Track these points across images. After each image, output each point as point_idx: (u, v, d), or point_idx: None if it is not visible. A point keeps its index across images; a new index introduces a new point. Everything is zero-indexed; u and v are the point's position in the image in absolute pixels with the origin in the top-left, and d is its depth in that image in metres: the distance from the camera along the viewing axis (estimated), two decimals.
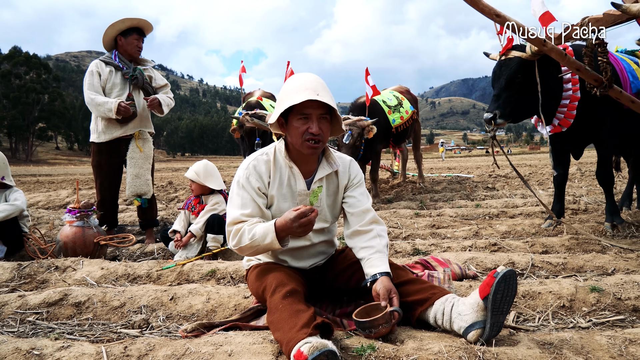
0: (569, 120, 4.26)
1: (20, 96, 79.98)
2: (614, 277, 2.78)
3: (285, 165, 2.45)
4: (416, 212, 6.17)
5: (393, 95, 8.34)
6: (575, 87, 4.18)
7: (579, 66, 3.49)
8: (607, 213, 4.62)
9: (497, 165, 5.03)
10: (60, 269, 3.64)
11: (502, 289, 1.96)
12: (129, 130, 4.84)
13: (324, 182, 2.51)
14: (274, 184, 2.42)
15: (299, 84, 2.30)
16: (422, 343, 1.94)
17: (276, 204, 2.44)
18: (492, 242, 4.10)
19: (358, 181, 2.59)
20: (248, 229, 2.27)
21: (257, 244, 2.23)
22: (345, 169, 2.57)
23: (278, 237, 2.19)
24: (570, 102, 4.21)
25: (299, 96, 2.23)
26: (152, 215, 5.13)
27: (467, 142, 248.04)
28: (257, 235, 2.22)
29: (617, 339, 1.96)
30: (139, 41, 4.86)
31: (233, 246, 2.32)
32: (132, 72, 4.80)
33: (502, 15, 3.37)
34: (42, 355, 1.98)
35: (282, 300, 2.07)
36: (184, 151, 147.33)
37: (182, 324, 2.58)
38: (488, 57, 4.53)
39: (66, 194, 10.24)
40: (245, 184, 2.38)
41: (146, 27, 4.92)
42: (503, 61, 4.19)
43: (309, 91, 2.24)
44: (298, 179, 2.45)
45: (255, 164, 2.43)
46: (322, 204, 2.51)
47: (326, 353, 1.68)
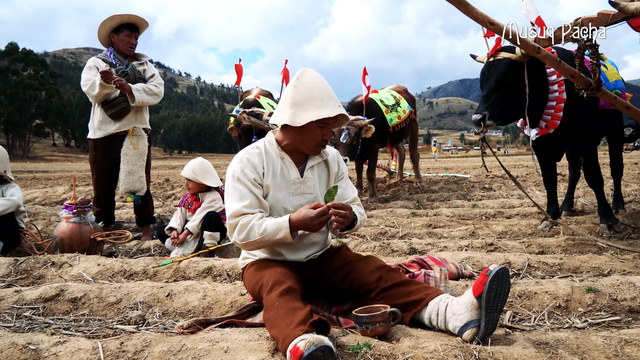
0: (555, 122, 4.25)
1: (17, 92, 79.82)
2: (610, 278, 2.79)
3: (277, 156, 2.53)
4: (413, 211, 6.18)
5: (391, 94, 8.33)
6: (561, 88, 4.19)
7: (574, 73, 3.50)
8: (601, 214, 4.62)
9: (487, 169, 4.98)
10: (57, 264, 3.63)
11: (496, 286, 1.96)
12: (123, 127, 4.82)
13: (315, 170, 2.61)
14: (268, 175, 2.49)
15: (320, 90, 2.41)
16: (418, 341, 1.94)
17: (271, 194, 2.50)
18: (489, 242, 4.11)
19: (344, 172, 2.75)
20: (257, 224, 2.33)
21: (268, 238, 2.32)
22: (334, 159, 2.71)
23: (292, 232, 2.29)
24: (557, 104, 4.20)
25: (329, 108, 2.37)
26: (148, 212, 5.12)
27: (465, 142, 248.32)
28: (269, 231, 2.30)
29: (612, 340, 1.96)
30: (130, 38, 4.84)
31: (239, 240, 2.37)
32: (124, 68, 4.79)
33: (496, 23, 3.39)
34: (38, 350, 1.98)
35: (279, 298, 2.07)
36: (181, 149, 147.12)
37: (178, 321, 2.58)
38: (475, 59, 4.51)
39: (63, 191, 10.23)
40: (241, 176, 2.43)
41: (139, 23, 4.90)
42: (492, 62, 4.15)
43: (333, 101, 2.40)
44: (291, 168, 2.54)
45: (249, 156, 2.49)
46: (315, 191, 2.59)
47: (322, 349, 1.68)
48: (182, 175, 4.35)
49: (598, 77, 3.46)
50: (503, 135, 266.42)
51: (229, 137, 20.45)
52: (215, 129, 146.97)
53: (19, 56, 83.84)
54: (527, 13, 3.79)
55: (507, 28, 3.35)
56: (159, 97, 5.01)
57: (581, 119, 4.29)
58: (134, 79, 4.81)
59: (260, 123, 7.17)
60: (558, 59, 3.47)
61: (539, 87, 4.17)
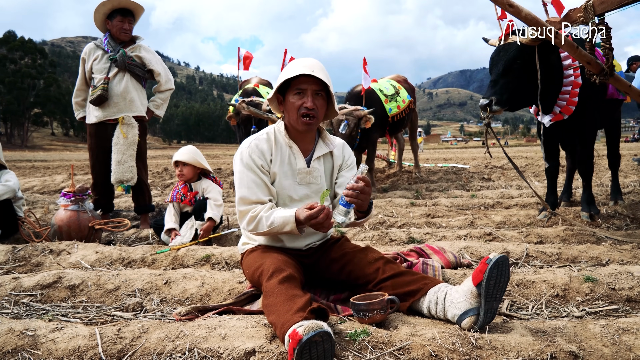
0: (570, 108, 4.17)
1: (15, 81, 79.53)
2: (608, 268, 2.79)
3: (285, 144, 2.54)
4: (412, 201, 6.17)
5: (390, 84, 8.28)
6: (576, 72, 4.10)
7: (590, 59, 3.42)
8: (584, 203, 4.59)
9: (490, 155, 4.92)
10: (55, 252, 3.63)
11: (495, 275, 1.96)
12: (112, 115, 4.78)
13: (322, 161, 2.62)
14: (276, 161, 2.51)
15: (296, 63, 2.44)
16: (416, 329, 1.94)
17: (278, 181, 2.53)
18: (487, 232, 4.10)
19: (351, 162, 2.73)
20: (265, 216, 2.38)
21: (276, 230, 2.38)
22: (340, 151, 2.70)
23: (298, 226, 2.33)
24: (572, 89, 4.12)
25: (294, 72, 2.36)
26: (144, 201, 5.09)
27: (464, 133, 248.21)
28: (276, 224, 2.35)
29: (610, 328, 1.96)
30: (123, 23, 4.78)
31: (249, 230, 2.45)
32: (114, 54, 4.76)
33: (515, 5, 3.30)
34: (35, 336, 1.98)
35: (279, 285, 2.08)
36: (180, 138, 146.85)
37: (176, 308, 2.57)
38: (487, 42, 4.41)
39: (61, 179, 10.21)
40: (249, 162, 2.46)
41: (131, 8, 4.82)
42: (502, 46, 4.05)
43: (305, 68, 2.37)
44: (298, 158, 2.55)
45: (257, 142, 2.51)
46: (321, 182, 2.61)
47: (321, 334, 1.68)
48: (179, 159, 4.22)
49: (611, 62, 3.40)
50: (503, 126, 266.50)
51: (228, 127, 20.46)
52: (215, 119, 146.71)
53: (17, 44, 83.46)
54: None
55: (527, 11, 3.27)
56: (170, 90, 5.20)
57: (590, 107, 4.23)
58: (123, 65, 4.74)
59: (259, 112, 7.14)
60: (575, 45, 3.39)
61: (554, 72, 4.08)
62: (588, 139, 4.46)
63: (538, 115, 4.51)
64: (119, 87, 4.76)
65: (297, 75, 2.37)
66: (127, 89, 4.79)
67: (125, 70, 4.78)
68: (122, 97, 4.78)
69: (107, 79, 4.71)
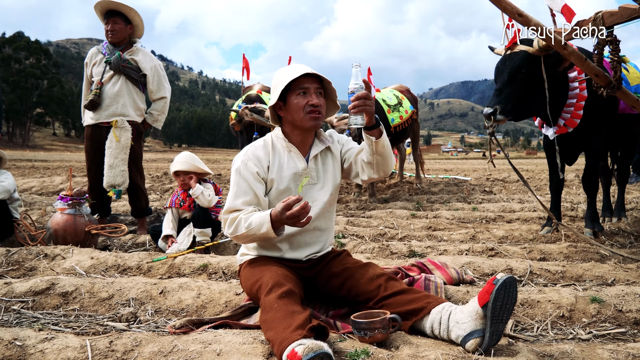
0: (575, 121, 4.10)
1: (19, 81, 79.84)
2: (615, 288, 2.72)
3: (284, 149, 2.53)
4: (412, 213, 6.11)
5: (393, 94, 8.25)
6: (582, 85, 4.04)
7: (598, 72, 3.37)
8: (588, 220, 4.51)
9: (494, 165, 4.83)
10: (50, 256, 3.56)
11: (502, 296, 1.89)
12: (105, 118, 4.72)
13: (319, 159, 2.59)
14: (274, 168, 2.48)
15: (291, 67, 2.49)
16: (418, 350, 1.87)
17: (275, 187, 2.48)
18: (489, 247, 4.04)
19: (346, 139, 2.72)
20: (244, 217, 2.31)
21: (253, 233, 2.27)
22: (334, 141, 2.68)
23: (273, 226, 2.22)
24: (577, 102, 4.05)
25: (295, 73, 2.39)
26: (140, 205, 5.02)
27: (465, 144, 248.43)
28: (253, 225, 2.26)
29: (620, 354, 1.89)
30: (107, 25, 4.72)
31: (229, 234, 2.38)
32: (109, 57, 4.72)
33: (525, 14, 3.24)
34: (24, 346, 1.91)
35: (278, 300, 2.01)
36: (181, 142, 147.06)
37: (171, 319, 2.51)
38: (493, 51, 4.36)
39: (60, 181, 10.15)
40: (244, 170, 2.43)
41: (113, 8, 4.70)
42: (508, 55, 3.98)
43: (303, 68, 2.43)
44: (298, 160, 2.53)
45: (254, 150, 2.51)
46: (320, 180, 2.58)
47: (321, 355, 1.62)
48: (179, 170, 4.15)
49: (619, 75, 3.34)
50: (503, 138, 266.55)
51: (229, 132, 20.50)
52: (216, 124, 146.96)
53: (22, 44, 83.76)
54: (551, 2, 3.59)
55: (536, 21, 3.22)
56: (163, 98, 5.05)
57: (596, 121, 4.16)
58: (117, 67, 4.68)
59: (262, 119, 7.10)
60: (584, 57, 3.33)
61: (558, 84, 4.02)
62: (594, 154, 4.39)
63: (542, 127, 4.45)
64: (113, 89, 4.71)
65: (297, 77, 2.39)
66: (120, 92, 4.73)
67: (120, 73, 4.73)
68: (115, 100, 4.72)
69: (101, 84, 4.68)
